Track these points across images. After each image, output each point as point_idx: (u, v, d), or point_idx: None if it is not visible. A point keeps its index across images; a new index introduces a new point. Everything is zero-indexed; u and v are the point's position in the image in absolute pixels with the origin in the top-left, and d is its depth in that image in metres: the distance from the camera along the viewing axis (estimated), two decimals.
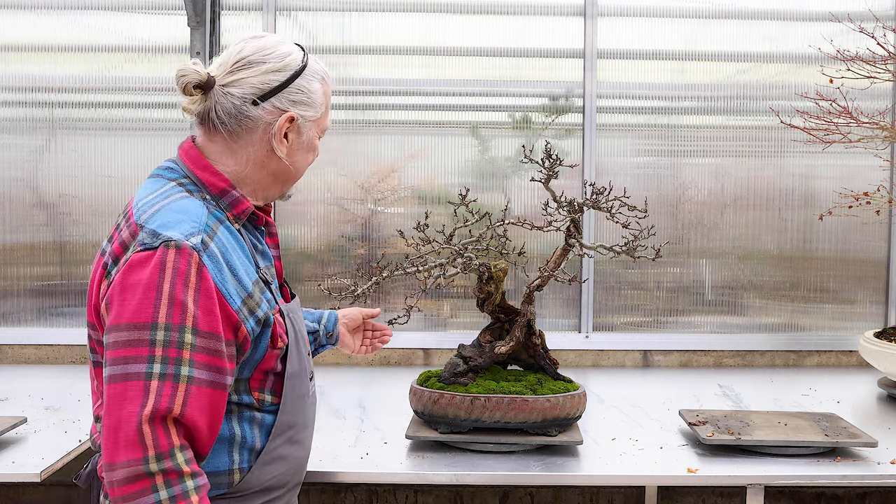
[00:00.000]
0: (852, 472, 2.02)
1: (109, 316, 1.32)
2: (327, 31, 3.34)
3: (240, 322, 1.40)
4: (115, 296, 1.32)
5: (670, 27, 3.35)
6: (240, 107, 1.47)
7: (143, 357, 1.28)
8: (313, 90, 1.54)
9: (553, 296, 3.35)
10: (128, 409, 1.27)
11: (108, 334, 1.31)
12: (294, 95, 1.51)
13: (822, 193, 3.36)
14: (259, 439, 1.50)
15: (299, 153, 1.56)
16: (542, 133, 3.35)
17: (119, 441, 1.27)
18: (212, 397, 1.35)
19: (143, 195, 1.45)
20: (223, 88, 1.48)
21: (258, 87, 1.48)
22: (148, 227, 1.36)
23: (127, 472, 1.26)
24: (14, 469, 1.99)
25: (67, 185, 3.31)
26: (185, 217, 1.38)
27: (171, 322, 1.29)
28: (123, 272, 1.33)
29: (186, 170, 1.50)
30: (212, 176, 1.49)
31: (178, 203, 1.41)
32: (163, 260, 1.31)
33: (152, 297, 1.30)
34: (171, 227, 1.35)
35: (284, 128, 1.50)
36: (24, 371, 3.15)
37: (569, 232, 2.20)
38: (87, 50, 3.31)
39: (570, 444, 2.13)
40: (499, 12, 3.34)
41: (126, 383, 1.28)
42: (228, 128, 1.49)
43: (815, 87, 2.89)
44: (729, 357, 3.37)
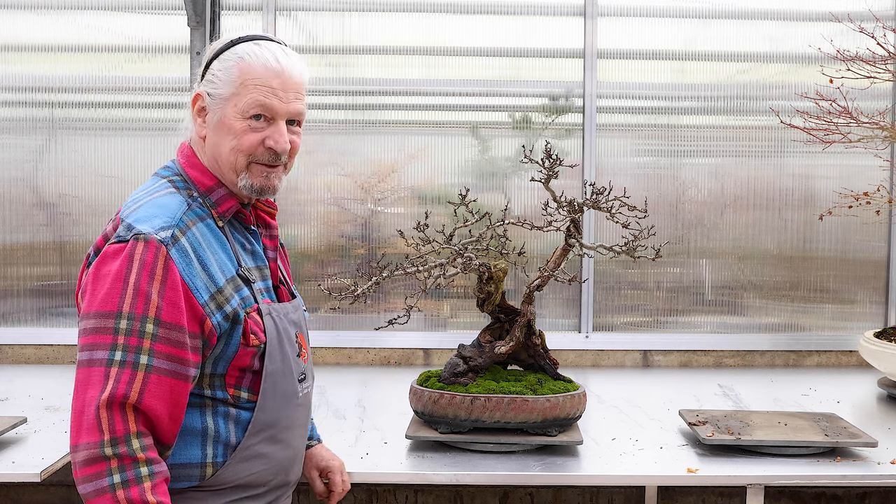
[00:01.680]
0: (852, 472, 2.02)
1: (83, 304, 1.39)
2: (327, 31, 3.34)
3: (205, 316, 1.43)
4: (88, 285, 1.38)
5: (670, 27, 3.35)
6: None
7: (106, 344, 1.34)
8: (224, 68, 1.52)
9: (553, 296, 3.35)
10: (90, 393, 1.32)
11: (80, 321, 1.38)
12: (207, 76, 1.55)
13: (822, 193, 3.36)
14: (234, 435, 1.51)
15: (217, 133, 1.53)
16: (542, 133, 3.35)
17: (82, 424, 1.32)
18: (172, 386, 1.38)
19: (136, 192, 1.53)
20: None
21: (197, 78, 1.59)
22: (126, 221, 1.42)
23: (86, 455, 1.31)
24: (14, 469, 2.00)
25: (67, 185, 3.31)
26: (161, 212, 1.43)
27: (134, 312, 1.34)
28: (97, 263, 1.39)
29: (179, 168, 1.57)
30: (200, 174, 1.55)
31: (159, 199, 1.47)
32: (131, 252, 1.36)
33: (119, 287, 1.35)
34: (144, 221, 1.41)
35: (197, 105, 1.55)
36: (24, 371, 3.15)
37: (569, 232, 2.20)
38: (87, 50, 3.31)
39: (570, 444, 2.13)
40: (499, 12, 3.34)
41: (90, 369, 1.34)
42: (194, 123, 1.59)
43: (815, 87, 2.89)
44: (729, 357, 3.37)
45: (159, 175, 1.57)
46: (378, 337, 3.28)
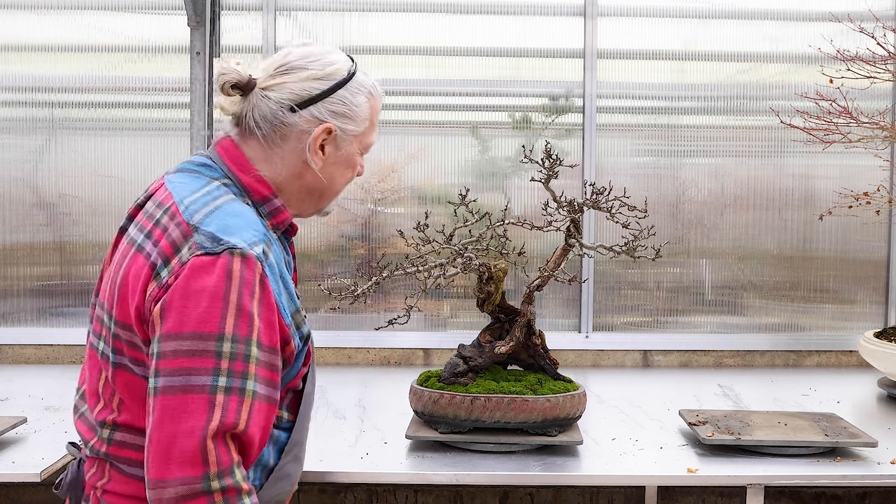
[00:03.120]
0: (852, 472, 2.02)
1: (165, 322, 1.23)
2: (327, 31, 3.34)
3: (289, 337, 1.35)
4: (174, 302, 1.23)
5: (670, 27, 3.35)
6: (276, 111, 1.42)
7: (208, 369, 1.21)
8: (357, 103, 1.46)
9: (553, 296, 3.35)
10: (189, 423, 1.19)
11: (165, 342, 1.22)
12: (335, 106, 1.44)
13: (822, 193, 3.36)
14: (273, 457, 1.45)
15: (335, 167, 1.48)
16: (542, 133, 3.35)
17: (173, 457, 1.19)
18: (267, 413, 1.29)
19: (185, 192, 1.36)
20: (262, 91, 1.43)
21: (297, 93, 1.42)
22: (205, 230, 1.28)
23: (182, 490, 1.19)
24: (14, 469, 2.00)
25: (67, 185, 3.31)
26: (244, 223, 1.32)
27: (238, 334, 1.23)
28: (185, 277, 1.24)
29: (227, 170, 1.43)
30: (255, 181, 1.42)
31: (232, 206, 1.35)
32: (229, 268, 1.24)
33: (219, 306, 1.23)
34: (231, 232, 1.28)
35: (321, 139, 1.44)
36: (24, 371, 3.15)
37: (569, 232, 2.20)
38: (87, 50, 3.31)
39: (570, 444, 2.13)
40: (499, 12, 3.34)
41: (187, 396, 1.20)
42: (263, 132, 1.43)
43: (815, 87, 2.89)
44: (729, 357, 3.37)
45: (202, 174, 1.41)
46: (378, 337, 3.28)
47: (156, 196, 1.41)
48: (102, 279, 1.46)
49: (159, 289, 1.26)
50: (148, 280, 1.28)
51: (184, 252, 1.27)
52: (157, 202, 1.38)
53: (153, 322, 1.25)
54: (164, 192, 1.39)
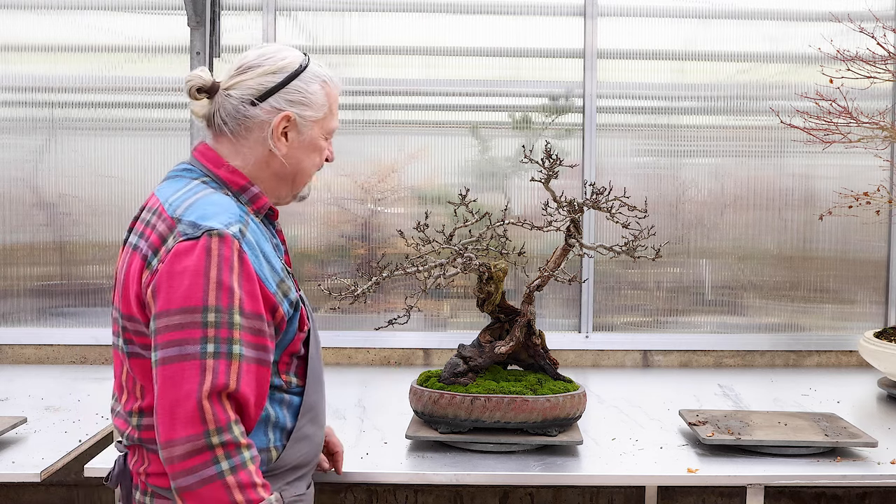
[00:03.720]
0: (852, 472, 2.02)
1: (157, 302, 1.39)
2: (327, 31, 3.34)
3: (277, 304, 1.49)
4: (163, 283, 1.38)
5: (670, 27, 3.35)
6: (237, 107, 1.57)
7: (196, 338, 1.35)
8: (312, 91, 1.61)
9: (553, 296, 3.35)
10: (186, 387, 1.33)
11: (158, 319, 1.38)
12: (291, 95, 1.59)
13: (822, 193, 3.36)
14: (289, 419, 1.59)
15: (301, 152, 1.63)
16: (542, 133, 3.35)
17: (177, 418, 1.33)
18: (258, 373, 1.43)
19: (169, 193, 1.52)
20: (225, 92, 1.59)
21: (255, 88, 1.58)
22: (186, 219, 1.43)
23: (188, 447, 1.33)
24: (14, 469, 2.00)
25: (67, 185, 3.31)
26: (221, 209, 1.46)
27: (220, 305, 1.37)
28: (169, 261, 1.39)
29: (205, 169, 1.58)
30: (230, 174, 1.58)
31: (210, 197, 1.49)
32: (207, 247, 1.39)
33: (200, 282, 1.37)
34: (209, 217, 1.43)
35: (281, 126, 1.58)
36: (24, 371, 3.15)
37: (569, 232, 2.20)
38: (87, 50, 3.31)
39: (570, 444, 2.13)
40: (499, 12, 3.34)
41: (182, 363, 1.35)
42: (230, 128, 1.58)
43: (815, 87, 2.89)
44: (729, 357, 3.37)
45: (183, 177, 1.58)
46: (378, 337, 3.28)
47: (147, 205, 1.57)
48: (115, 287, 1.60)
49: (150, 274, 1.42)
50: (142, 270, 1.44)
51: (169, 241, 1.43)
52: (150, 209, 1.54)
53: (148, 304, 1.42)
54: (153, 199, 1.56)
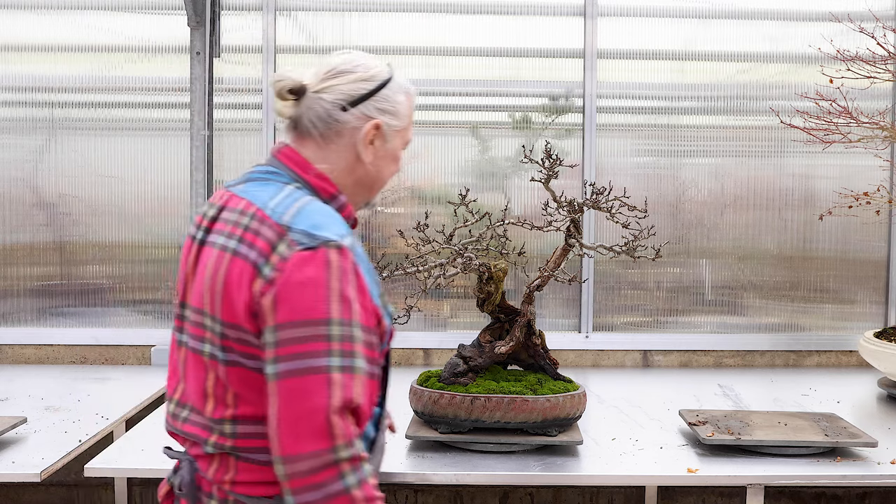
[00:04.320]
0: (852, 472, 2.02)
1: (278, 314, 1.36)
2: (327, 31, 3.34)
3: (381, 316, 1.49)
4: (284, 294, 1.37)
5: (670, 27, 3.35)
6: (330, 111, 1.56)
7: (321, 351, 1.34)
8: (398, 101, 1.61)
9: (553, 296, 3.35)
10: (313, 401, 1.32)
11: (279, 331, 1.36)
12: (380, 104, 1.59)
13: (822, 193, 3.36)
14: (372, 430, 1.60)
15: (383, 161, 1.63)
16: (542, 133, 3.35)
17: (302, 433, 1.32)
18: (370, 388, 1.43)
19: (265, 197, 1.49)
20: (316, 94, 1.57)
21: (348, 93, 1.57)
22: (297, 227, 1.41)
23: (316, 462, 1.31)
24: (14, 469, 2.00)
25: (67, 185, 3.31)
26: (331, 220, 1.45)
27: (343, 318, 1.37)
28: (289, 271, 1.37)
29: (293, 173, 1.56)
30: (321, 181, 1.56)
31: (314, 205, 1.48)
32: (327, 259, 1.38)
33: (324, 294, 1.36)
34: (322, 227, 1.42)
35: (371, 134, 1.58)
36: (24, 371, 3.15)
37: (569, 232, 2.20)
38: (87, 50, 3.31)
39: (570, 444, 2.13)
40: (499, 12, 3.34)
41: (308, 377, 1.33)
42: (319, 131, 1.57)
43: (815, 87, 2.89)
44: (729, 357, 3.37)
45: (274, 180, 1.54)
46: None
47: (231, 206, 1.52)
48: (187, 288, 1.55)
49: (265, 283, 1.38)
50: (252, 279, 1.40)
51: (282, 249, 1.39)
52: (238, 211, 1.50)
53: (263, 315, 1.38)
54: (239, 201, 1.51)
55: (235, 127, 3.32)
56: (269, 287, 1.37)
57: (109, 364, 3.30)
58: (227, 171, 3.31)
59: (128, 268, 3.34)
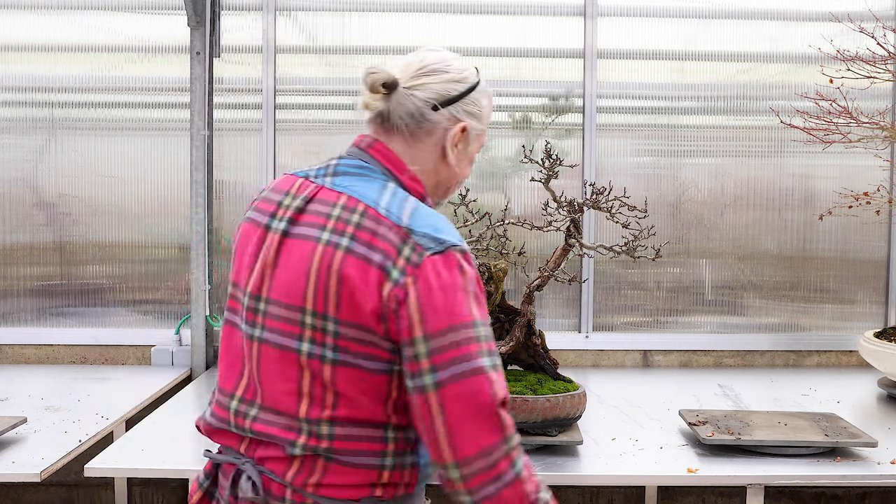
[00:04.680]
0: (852, 472, 2.02)
1: (427, 324, 1.37)
2: (327, 31, 3.34)
3: None
4: (426, 302, 1.37)
5: (670, 27, 3.35)
6: (421, 108, 1.53)
7: (478, 353, 1.37)
8: (483, 105, 1.61)
9: (553, 296, 3.35)
10: (480, 400, 1.35)
11: (431, 340, 1.36)
12: (469, 107, 1.58)
13: (822, 193, 3.36)
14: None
15: (462, 163, 1.62)
16: (542, 133, 3.35)
17: (477, 432, 1.35)
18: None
19: (372, 195, 1.46)
20: (407, 91, 1.53)
21: (440, 93, 1.54)
22: (420, 230, 1.41)
23: (491, 458, 1.35)
24: (14, 469, 2.00)
25: (67, 185, 3.31)
26: (445, 222, 1.45)
27: (482, 319, 1.40)
28: (426, 277, 1.38)
29: (388, 172, 1.53)
30: (413, 182, 1.54)
31: (424, 207, 1.47)
32: (459, 263, 1.41)
33: (464, 297, 1.38)
34: (443, 231, 1.42)
35: (458, 136, 1.57)
36: (24, 371, 3.15)
37: (569, 232, 2.20)
38: (87, 50, 3.31)
39: (570, 444, 2.13)
40: (499, 12, 3.34)
41: (472, 378, 1.35)
42: (409, 129, 1.54)
43: (815, 87, 2.89)
44: (729, 357, 3.37)
45: (374, 178, 1.51)
46: None
47: (323, 199, 1.48)
48: (262, 279, 1.49)
49: (396, 287, 1.37)
50: (381, 281, 1.39)
51: (407, 252, 1.39)
52: (339, 205, 1.46)
53: (401, 323, 1.38)
54: (335, 195, 1.48)
55: (235, 127, 3.32)
56: (401, 291, 1.37)
57: (109, 364, 3.30)
58: (227, 171, 3.31)
59: (128, 268, 3.34)
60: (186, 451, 2.15)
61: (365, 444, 1.44)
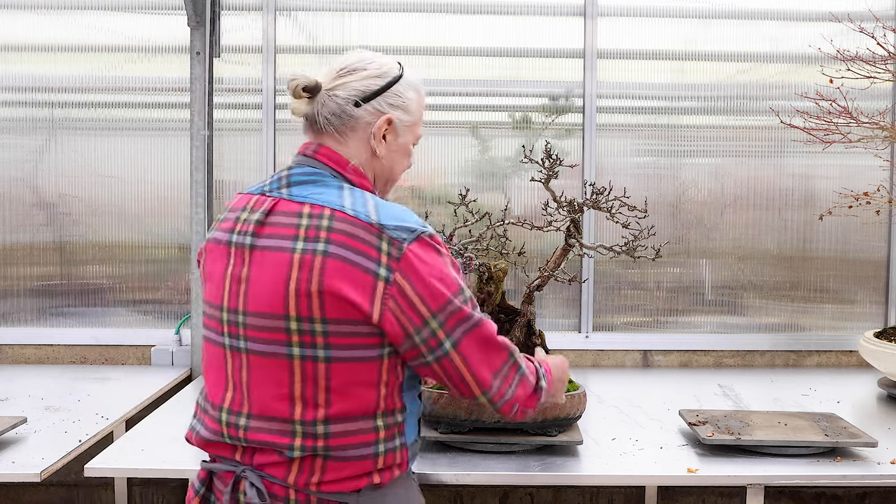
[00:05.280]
0: (852, 472, 2.02)
1: (428, 304, 1.49)
2: (327, 31, 3.34)
3: None
4: (422, 287, 1.49)
5: (670, 27, 3.35)
6: (343, 107, 1.60)
7: (472, 309, 1.55)
8: (409, 97, 1.67)
9: (553, 296, 3.35)
10: (485, 342, 1.56)
11: (437, 316, 1.50)
12: (392, 99, 1.65)
13: (822, 193, 3.36)
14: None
15: (395, 155, 1.68)
16: (542, 133, 3.35)
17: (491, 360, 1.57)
18: None
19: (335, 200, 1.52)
20: (329, 92, 1.61)
21: (360, 89, 1.62)
22: (389, 224, 1.49)
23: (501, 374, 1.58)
24: (14, 469, 2.00)
25: (67, 185, 3.31)
26: (402, 210, 1.55)
27: (463, 283, 1.57)
28: (411, 266, 1.48)
29: (334, 171, 1.60)
30: (357, 175, 1.62)
31: (382, 201, 1.57)
32: (430, 244, 1.52)
33: (446, 272, 1.52)
34: (405, 219, 1.52)
35: (383, 129, 1.63)
36: (24, 371, 3.15)
37: (569, 232, 2.20)
38: (87, 50, 3.31)
39: (570, 444, 2.13)
40: (499, 12, 3.34)
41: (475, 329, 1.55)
42: (335, 127, 1.61)
43: (815, 87, 2.89)
44: (729, 357, 3.37)
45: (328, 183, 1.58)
46: None
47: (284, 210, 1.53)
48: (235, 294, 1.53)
49: (388, 285, 1.47)
50: (369, 280, 1.46)
51: (386, 247, 1.48)
52: (304, 214, 1.51)
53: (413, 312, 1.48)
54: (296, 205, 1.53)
55: (235, 127, 3.32)
56: (397, 288, 1.47)
57: (109, 364, 3.30)
58: (227, 171, 3.31)
59: (128, 268, 3.34)
60: (186, 451, 2.15)
61: (359, 437, 1.50)
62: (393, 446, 1.55)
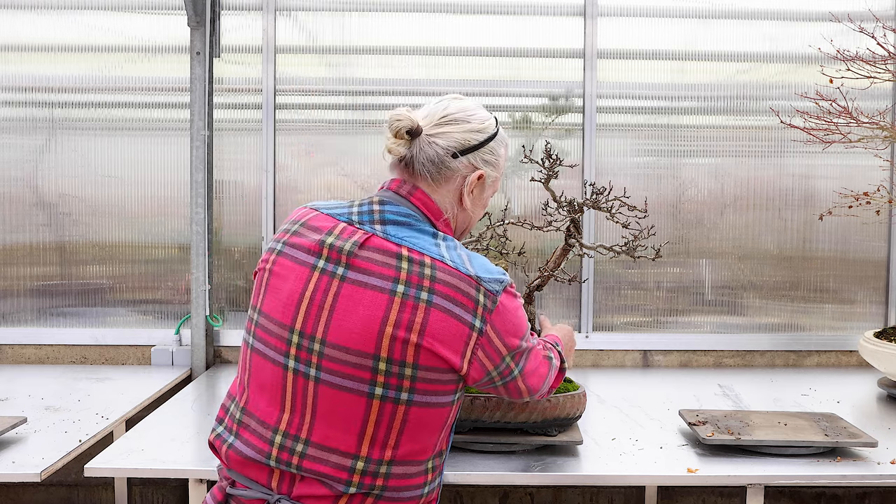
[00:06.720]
0: (852, 472, 2.02)
1: (505, 344, 1.57)
2: (327, 31, 3.34)
3: None
4: (503, 330, 1.56)
5: (670, 27, 3.35)
6: (442, 156, 1.62)
7: (533, 344, 1.68)
8: (500, 154, 1.71)
9: (553, 296, 3.35)
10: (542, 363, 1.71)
11: (514, 350, 1.60)
12: (486, 156, 1.67)
13: (822, 193, 3.36)
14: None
15: (478, 207, 1.73)
16: (542, 133, 3.35)
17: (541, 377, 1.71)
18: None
19: (433, 249, 1.55)
20: (429, 138, 1.62)
21: (460, 141, 1.63)
22: (483, 276, 1.54)
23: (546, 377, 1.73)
24: (14, 469, 2.00)
25: (67, 185, 3.31)
26: (486, 261, 1.61)
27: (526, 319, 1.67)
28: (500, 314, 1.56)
29: (426, 219, 1.63)
30: (446, 228, 1.67)
31: (473, 253, 1.62)
32: (513, 293, 1.60)
33: (521, 313, 1.61)
34: (492, 270, 1.58)
35: (474, 183, 1.66)
36: (24, 371, 3.15)
37: (569, 232, 2.20)
38: (87, 50, 3.31)
39: (570, 444, 2.13)
40: (499, 12, 3.34)
41: (534, 355, 1.68)
42: (430, 174, 1.62)
43: (815, 87, 2.89)
44: (729, 357, 3.37)
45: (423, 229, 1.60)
46: None
47: (378, 247, 1.53)
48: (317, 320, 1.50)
49: (480, 336, 1.53)
50: (466, 332, 1.51)
51: (482, 300, 1.53)
52: (406, 258, 1.52)
53: (494, 352, 1.56)
54: (392, 245, 1.53)
55: (235, 127, 3.32)
56: (486, 338, 1.53)
57: (109, 364, 3.30)
58: (227, 171, 3.31)
59: (128, 268, 3.34)
60: (186, 451, 2.15)
61: (414, 480, 1.54)
62: (433, 487, 1.59)
